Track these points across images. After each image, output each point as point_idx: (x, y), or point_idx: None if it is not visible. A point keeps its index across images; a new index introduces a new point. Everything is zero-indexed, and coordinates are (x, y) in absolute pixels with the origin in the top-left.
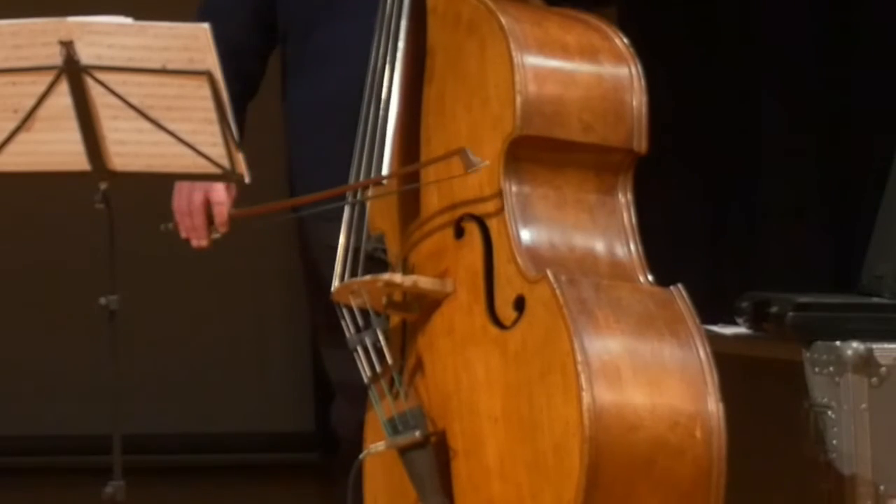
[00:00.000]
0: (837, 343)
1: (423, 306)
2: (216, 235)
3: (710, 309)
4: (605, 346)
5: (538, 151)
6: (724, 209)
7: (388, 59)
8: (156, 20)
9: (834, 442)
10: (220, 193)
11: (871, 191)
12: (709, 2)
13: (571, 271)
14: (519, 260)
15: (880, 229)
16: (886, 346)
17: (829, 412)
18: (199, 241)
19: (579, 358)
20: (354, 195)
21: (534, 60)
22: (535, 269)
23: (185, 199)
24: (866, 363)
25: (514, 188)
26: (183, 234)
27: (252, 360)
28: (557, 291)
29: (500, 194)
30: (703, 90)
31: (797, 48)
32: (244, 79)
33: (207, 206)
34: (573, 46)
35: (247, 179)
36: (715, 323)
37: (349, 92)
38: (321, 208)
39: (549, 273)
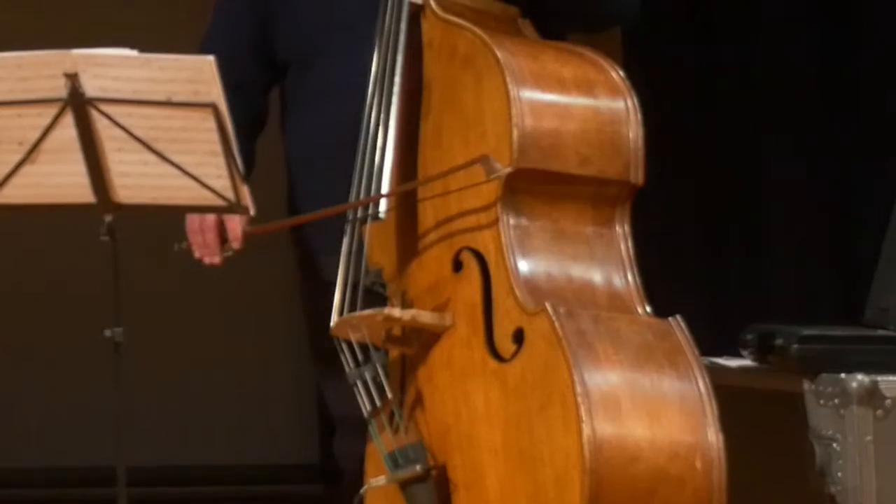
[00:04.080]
0: (842, 375)
1: (421, 340)
2: (229, 253)
3: (715, 341)
4: (605, 377)
5: (535, 184)
6: (727, 241)
7: (385, 93)
8: (161, 52)
9: (839, 474)
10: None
11: (876, 223)
12: (711, 30)
13: (570, 303)
14: (517, 292)
15: (885, 262)
16: (891, 378)
17: (834, 444)
18: (212, 258)
19: (579, 390)
20: (354, 220)
21: (530, 94)
22: (533, 301)
23: (198, 217)
24: (871, 395)
25: (511, 221)
26: (196, 253)
27: (256, 392)
28: (556, 324)
29: (497, 227)
30: (706, 121)
31: (800, 80)
32: (252, 114)
33: (220, 223)
34: (569, 79)
35: (252, 212)
36: (720, 355)
37: (346, 127)
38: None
39: (547, 305)
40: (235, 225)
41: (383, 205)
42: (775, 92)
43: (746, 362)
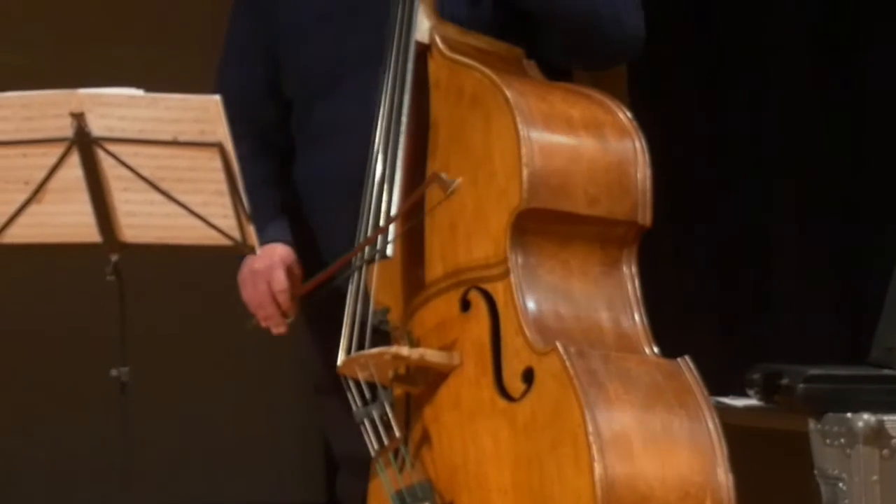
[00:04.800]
0: (848, 415)
1: (428, 379)
2: (290, 319)
3: (721, 381)
4: (616, 417)
5: (544, 224)
6: (734, 282)
7: (392, 133)
8: (167, 92)
9: None
10: (279, 282)
11: (882, 264)
12: (718, 73)
13: (579, 343)
14: (527, 332)
15: (891, 302)
16: None
17: (840, 484)
18: (278, 328)
19: (591, 429)
20: (361, 259)
21: (540, 134)
22: (543, 341)
23: (251, 291)
24: (877, 435)
25: (520, 260)
26: (263, 324)
27: (262, 431)
28: (567, 363)
29: (506, 267)
30: (714, 163)
31: (808, 124)
32: (278, 152)
33: (273, 294)
34: (578, 120)
35: (258, 251)
36: (726, 395)
37: (351, 166)
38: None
39: (558, 345)
40: (285, 296)
41: (390, 244)
42: (783, 136)
43: (752, 402)
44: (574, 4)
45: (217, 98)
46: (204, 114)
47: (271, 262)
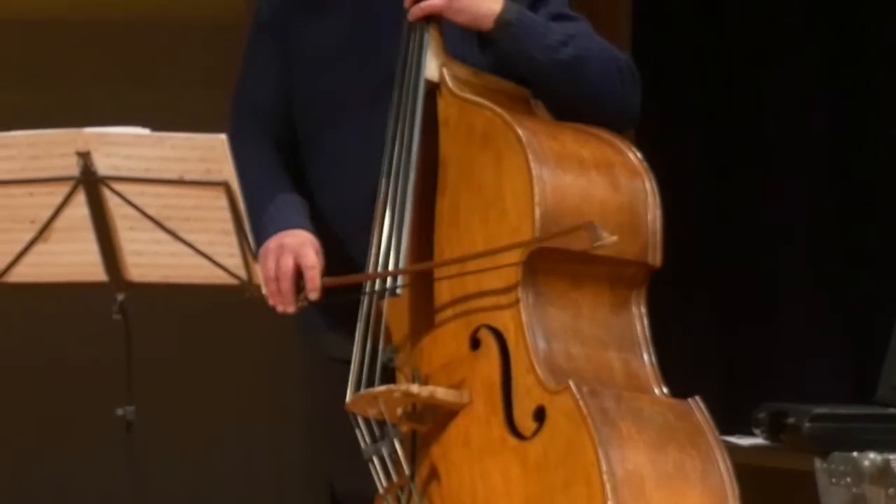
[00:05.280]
0: (854, 454)
1: (436, 417)
2: (304, 303)
3: (727, 419)
4: (629, 456)
5: (555, 263)
6: (740, 321)
7: (402, 171)
8: (173, 131)
9: None
10: (310, 258)
11: (888, 302)
12: (724, 120)
13: (590, 382)
14: (538, 370)
15: None
16: None
17: None
18: (286, 307)
19: (605, 468)
20: (371, 296)
21: (552, 173)
22: (554, 379)
23: (273, 262)
24: (883, 474)
25: (531, 299)
26: (270, 301)
27: (268, 470)
28: (581, 402)
29: (517, 306)
30: (720, 206)
31: (814, 174)
32: (293, 171)
33: (297, 271)
34: (589, 160)
35: (264, 290)
36: (732, 434)
37: (358, 202)
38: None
39: (571, 384)
40: (314, 273)
41: (400, 281)
42: (790, 182)
43: (758, 441)
44: (574, 90)
45: (223, 137)
46: (210, 153)
47: (303, 240)
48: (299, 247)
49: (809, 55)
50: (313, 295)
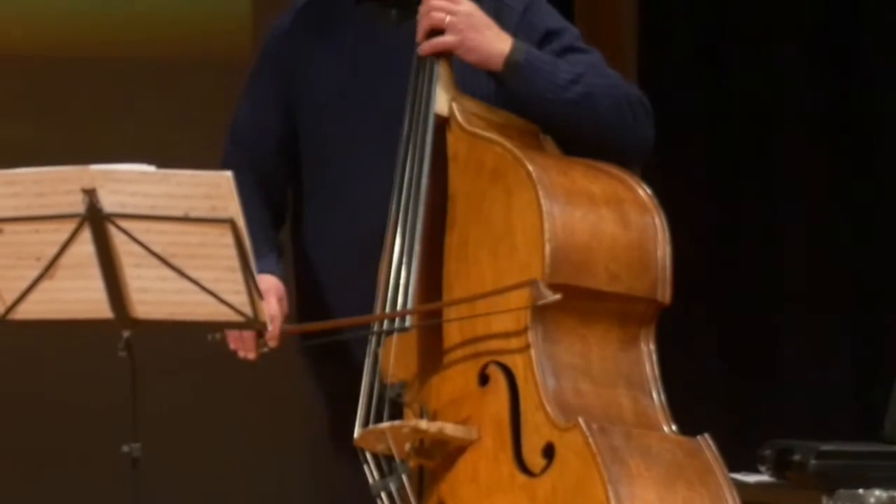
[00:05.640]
0: (860, 491)
1: (444, 453)
2: (265, 349)
3: (732, 456)
4: (639, 494)
5: (565, 300)
6: (747, 358)
7: (411, 205)
8: (179, 168)
9: None
10: (272, 307)
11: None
12: (731, 157)
13: (599, 419)
14: (547, 407)
15: None
16: None
17: None
18: (247, 353)
19: None
20: (380, 332)
21: (562, 209)
22: (564, 416)
23: None
24: None
25: (540, 336)
26: (231, 345)
27: None
28: (590, 440)
29: (526, 341)
30: (725, 242)
31: (817, 208)
32: (274, 207)
33: None
34: (599, 196)
35: (269, 327)
36: (738, 471)
37: (365, 236)
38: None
39: (581, 421)
40: (275, 322)
41: (408, 317)
42: (793, 215)
43: (765, 478)
44: (585, 127)
45: (228, 174)
46: (215, 190)
47: (266, 287)
48: (262, 295)
49: (813, 88)
50: (272, 343)
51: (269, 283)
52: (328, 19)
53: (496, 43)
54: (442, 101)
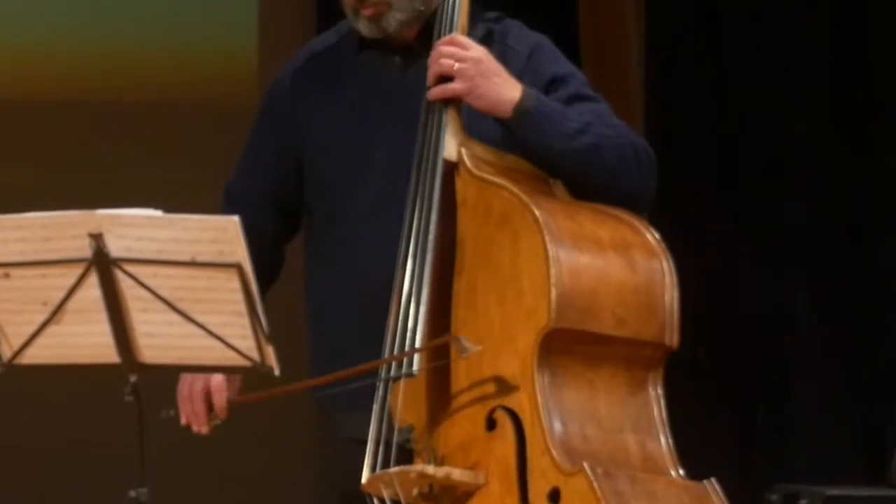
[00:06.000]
0: None
1: (452, 497)
2: (216, 422)
3: (739, 501)
4: None
5: (571, 344)
6: (753, 400)
7: (420, 251)
8: (186, 213)
9: None
10: (218, 381)
11: None
12: (739, 200)
13: (605, 464)
14: (553, 453)
15: None
16: None
17: None
18: (200, 427)
19: None
20: (387, 378)
21: (569, 254)
22: (570, 461)
23: (187, 384)
24: None
25: (547, 380)
26: (183, 420)
27: None
28: (595, 484)
29: (533, 387)
30: (732, 285)
31: (826, 257)
32: (262, 264)
33: (208, 393)
34: (606, 240)
35: (276, 372)
36: None
37: (375, 283)
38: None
39: (585, 466)
40: (221, 395)
41: (416, 362)
42: (802, 266)
43: None
44: (590, 175)
45: (235, 219)
46: (222, 234)
47: None
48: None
49: (823, 134)
50: (222, 414)
51: None
52: (330, 69)
53: (505, 90)
54: (451, 146)
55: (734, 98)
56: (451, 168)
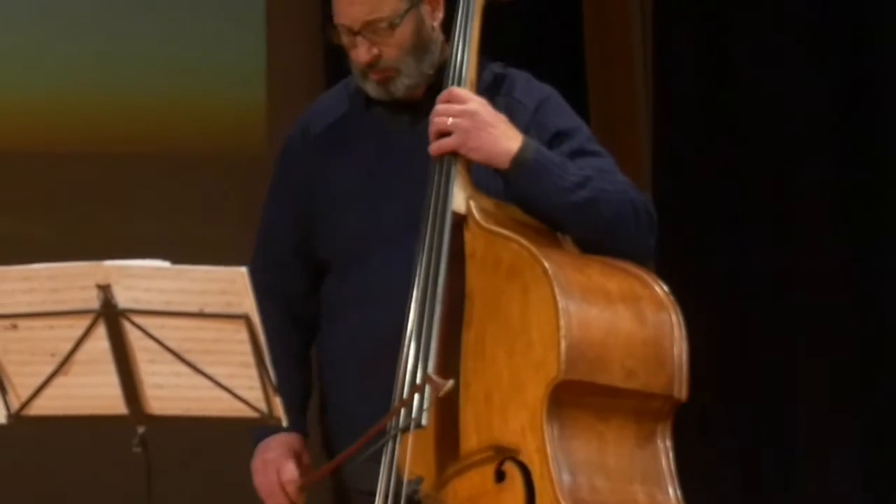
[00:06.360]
0: None
1: None
2: None
3: None
4: None
5: (581, 396)
6: (759, 447)
7: (428, 303)
8: (193, 264)
9: None
10: (288, 471)
11: None
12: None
13: None
14: None
15: None
16: None
17: None
18: None
19: None
20: (395, 429)
21: (578, 305)
22: None
23: (263, 479)
24: None
25: (556, 432)
26: None
27: None
28: None
29: (542, 438)
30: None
31: (832, 306)
32: (303, 325)
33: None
34: (615, 293)
35: (284, 423)
36: None
37: (384, 335)
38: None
39: None
40: (291, 486)
41: (425, 414)
42: (809, 314)
43: None
44: (586, 230)
45: (243, 270)
46: (230, 286)
47: (282, 450)
48: (279, 460)
49: (829, 177)
50: (299, 502)
51: (283, 447)
52: (340, 126)
53: (502, 141)
54: (459, 199)
55: (741, 151)
56: (460, 221)
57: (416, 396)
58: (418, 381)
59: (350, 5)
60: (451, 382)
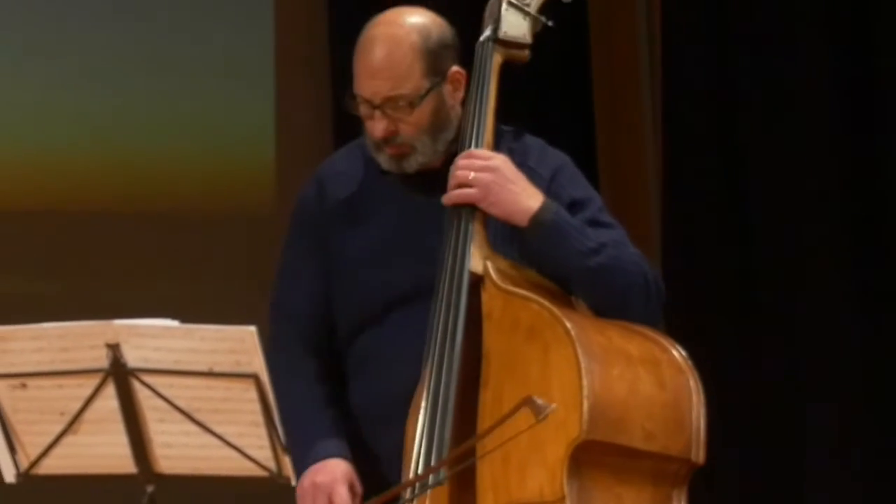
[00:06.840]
0: None
1: None
2: None
3: None
4: None
5: (601, 456)
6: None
7: (445, 364)
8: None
9: None
10: (341, 497)
11: None
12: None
13: None
14: None
15: None
16: None
17: None
18: None
19: None
20: (412, 490)
21: (601, 366)
22: None
23: None
24: None
25: (576, 492)
26: None
27: None
28: None
29: (562, 499)
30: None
31: (843, 356)
32: (336, 373)
33: None
34: (636, 356)
35: (293, 482)
36: None
37: (397, 397)
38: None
39: None
40: None
41: (442, 474)
42: (819, 367)
43: None
44: (598, 296)
45: (252, 329)
46: (240, 345)
47: (333, 476)
48: (332, 485)
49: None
50: None
51: (337, 470)
52: (354, 191)
53: (522, 198)
54: (476, 259)
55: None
56: (477, 281)
57: (434, 455)
58: (436, 440)
59: (372, 78)
60: (553, 406)
